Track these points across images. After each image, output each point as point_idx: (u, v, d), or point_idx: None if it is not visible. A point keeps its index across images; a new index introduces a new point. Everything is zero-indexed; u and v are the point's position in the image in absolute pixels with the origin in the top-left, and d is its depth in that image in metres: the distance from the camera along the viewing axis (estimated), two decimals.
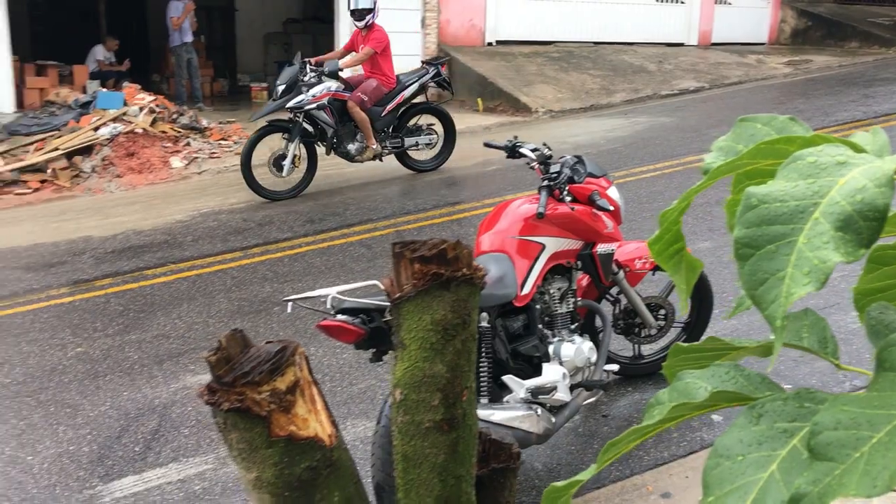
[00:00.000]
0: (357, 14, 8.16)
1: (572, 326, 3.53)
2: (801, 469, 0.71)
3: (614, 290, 3.91)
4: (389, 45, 8.33)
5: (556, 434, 3.40)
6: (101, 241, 7.08)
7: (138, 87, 11.38)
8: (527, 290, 3.31)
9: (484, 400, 3.11)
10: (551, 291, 3.50)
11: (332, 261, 6.32)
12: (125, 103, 10.53)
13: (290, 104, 7.70)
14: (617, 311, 3.96)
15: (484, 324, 3.14)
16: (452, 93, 9.17)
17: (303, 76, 7.78)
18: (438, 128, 8.70)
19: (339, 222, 7.30)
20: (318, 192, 8.22)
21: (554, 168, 3.59)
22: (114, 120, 10.10)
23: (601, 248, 3.60)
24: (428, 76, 8.45)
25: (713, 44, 16.44)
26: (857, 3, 19.19)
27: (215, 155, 10.39)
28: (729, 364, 0.89)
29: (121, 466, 3.73)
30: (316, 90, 7.76)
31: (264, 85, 14.78)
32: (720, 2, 16.57)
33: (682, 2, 16.04)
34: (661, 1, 15.92)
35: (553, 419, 3.23)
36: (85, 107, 10.43)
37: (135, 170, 9.78)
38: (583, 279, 3.72)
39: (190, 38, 12.69)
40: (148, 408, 4.24)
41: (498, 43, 14.57)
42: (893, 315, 0.90)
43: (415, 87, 8.35)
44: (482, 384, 3.12)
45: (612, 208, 3.58)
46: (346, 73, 8.65)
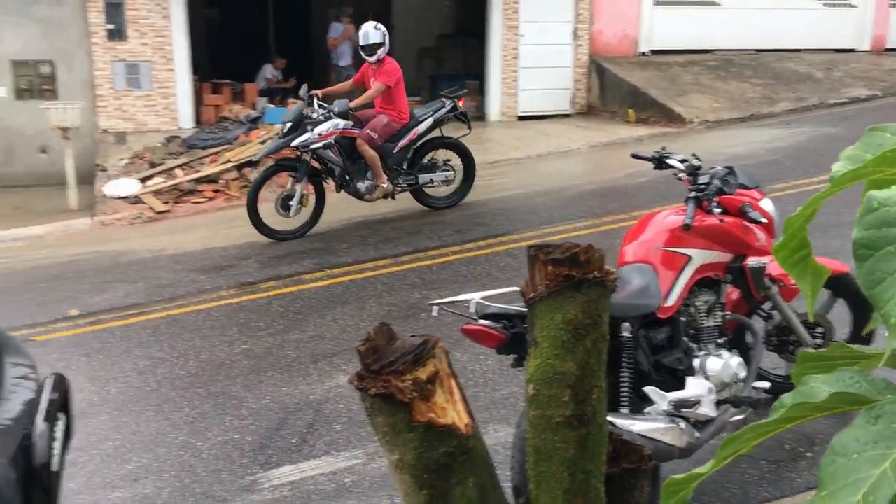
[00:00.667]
0: (368, 49, 7.79)
1: (720, 341, 3.45)
2: None
3: (767, 306, 3.78)
4: (402, 79, 8.00)
5: (701, 450, 3.33)
6: (265, 247, 7.57)
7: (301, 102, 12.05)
8: (671, 301, 3.28)
9: (624, 410, 3.11)
10: (697, 304, 3.44)
11: (479, 270, 6.45)
12: None
13: (296, 143, 7.42)
14: (770, 327, 3.82)
15: (626, 334, 3.13)
16: (470, 128, 8.41)
17: (310, 112, 7.50)
18: (457, 162, 8.25)
19: (486, 232, 7.44)
20: (467, 203, 8.39)
21: (703, 179, 3.52)
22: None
23: (752, 261, 3.49)
24: (444, 110, 8.02)
25: (888, 49, 15.34)
26: None
27: None
28: (854, 370, 0.89)
29: (279, 456, 4.00)
30: (322, 128, 7.45)
31: (417, 99, 15.24)
32: None
33: (854, 5, 15.09)
34: (830, 5, 15.05)
35: (697, 434, 3.17)
36: (254, 122, 11.19)
37: None
38: (733, 293, 3.62)
39: (348, 62, 13.26)
40: (304, 403, 4.52)
41: (652, 52, 14.30)
42: None
43: (429, 122, 7.96)
44: (623, 394, 3.11)
45: (764, 220, 3.46)
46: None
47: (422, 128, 7.94)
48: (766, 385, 3.58)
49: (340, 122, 7.52)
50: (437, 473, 1.47)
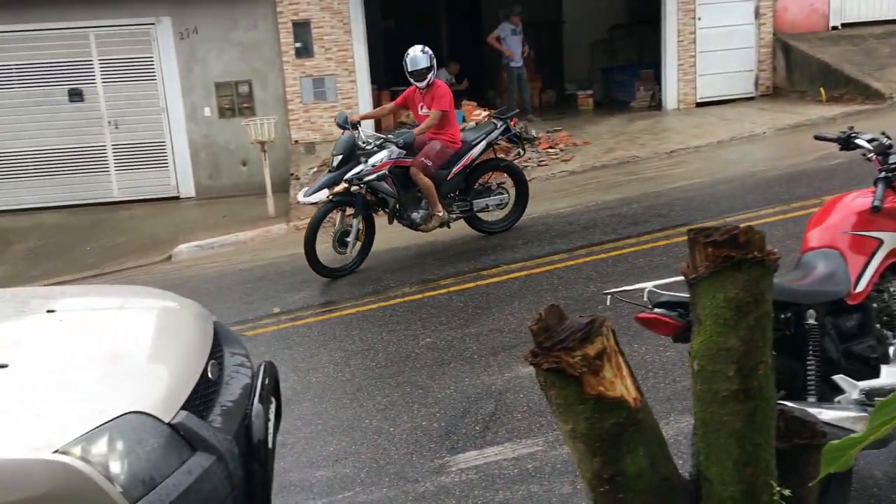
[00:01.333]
0: (416, 75, 7.37)
1: None
2: None
3: None
4: (453, 102, 7.62)
5: None
6: (443, 245, 7.88)
7: (475, 103, 12.39)
8: (861, 287, 3.14)
9: (812, 398, 3.02)
10: (891, 290, 3.27)
11: (656, 261, 6.38)
12: (464, 119, 11.53)
13: (349, 175, 7.00)
14: None
15: (811, 321, 3.05)
16: (524, 149, 8.18)
17: (361, 143, 7.10)
18: (509, 184, 7.93)
19: (664, 223, 7.33)
20: (643, 194, 8.30)
21: (894, 158, 3.35)
22: None
23: None
24: (497, 132, 7.67)
25: None
26: None
27: (543, 163, 10.95)
28: None
29: (464, 442, 4.21)
30: (376, 159, 7.05)
31: (590, 92, 15.16)
32: None
33: None
34: None
35: None
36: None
37: None
38: None
39: (519, 64, 13.42)
40: (485, 393, 4.72)
41: (843, 26, 13.36)
42: None
43: (482, 145, 7.59)
44: (810, 382, 3.03)
45: None
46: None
47: (475, 152, 7.57)
48: None
49: (395, 151, 7.13)
50: (609, 442, 1.57)
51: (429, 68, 7.33)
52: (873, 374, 3.10)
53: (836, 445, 0.99)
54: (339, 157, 7.02)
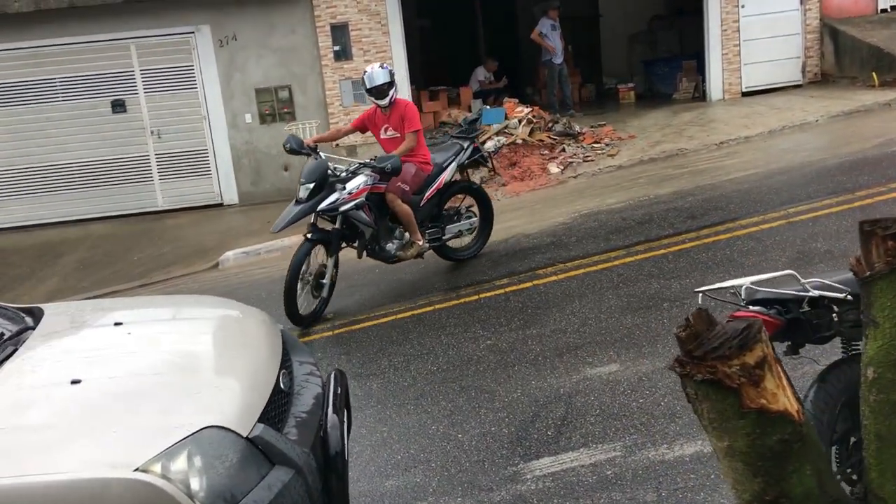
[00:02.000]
0: (376, 92, 6.63)
1: None
2: None
3: None
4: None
5: None
6: (496, 245, 7.73)
7: (516, 100, 12.24)
8: None
9: None
10: None
11: (719, 256, 6.18)
12: (506, 117, 11.38)
13: (323, 206, 6.17)
14: None
15: None
16: (494, 168, 7.66)
17: (333, 171, 6.33)
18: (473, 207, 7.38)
19: (723, 216, 7.11)
20: (698, 187, 8.08)
21: None
22: (497, 134, 10.97)
23: None
24: (466, 154, 7.16)
25: None
26: None
27: (589, 158, 10.76)
28: None
29: (537, 448, 4.07)
30: (352, 185, 6.30)
31: (630, 85, 14.92)
32: None
33: None
34: None
35: None
36: (472, 124, 11.45)
37: (517, 178, 10.53)
38: None
39: (560, 60, 13.24)
40: (554, 396, 4.56)
41: (892, 9, 12.98)
42: None
43: (453, 167, 7.03)
44: None
45: None
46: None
47: (447, 175, 6.97)
48: None
49: (371, 177, 6.42)
50: (773, 461, 1.42)
51: (390, 84, 6.63)
52: None
53: None
54: (310, 186, 6.18)
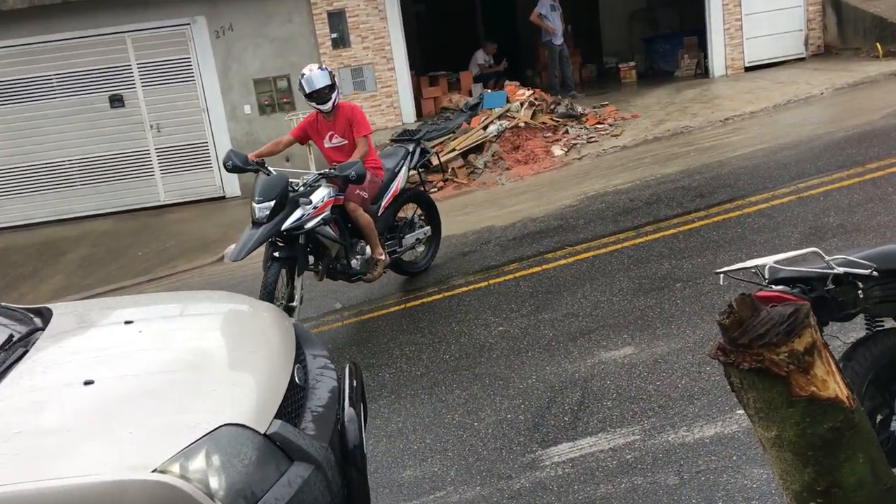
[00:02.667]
0: (317, 97, 6.01)
1: None
2: None
3: None
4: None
5: None
6: (502, 230, 7.67)
7: (517, 83, 12.12)
8: None
9: None
10: None
11: (731, 234, 6.11)
12: (508, 100, 11.28)
13: (289, 224, 5.60)
14: None
15: None
16: (445, 171, 7.36)
17: (291, 185, 5.73)
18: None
19: (732, 194, 7.04)
20: (705, 165, 8.00)
21: None
22: (499, 117, 10.88)
23: None
24: (416, 157, 6.76)
25: None
26: None
27: (593, 139, 10.66)
28: None
29: (554, 434, 4.02)
30: (317, 199, 5.75)
31: (632, 64, 14.79)
32: None
33: None
34: None
35: None
36: (473, 109, 11.38)
37: (521, 161, 10.44)
38: None
39: (560, 41, 13.13)
40: (569, 381, 4.52)
41: None
42: None
43: (404, 173, 6.58)
44: None
45: None
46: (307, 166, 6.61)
47: (400, 181, 6.54)
48: None
49: (333, 189, 5.88)
50: (824, 450, 1.36)
51: (331, 87, 6.02)
52: None
53: None
54: (270, 204, 5.54)
